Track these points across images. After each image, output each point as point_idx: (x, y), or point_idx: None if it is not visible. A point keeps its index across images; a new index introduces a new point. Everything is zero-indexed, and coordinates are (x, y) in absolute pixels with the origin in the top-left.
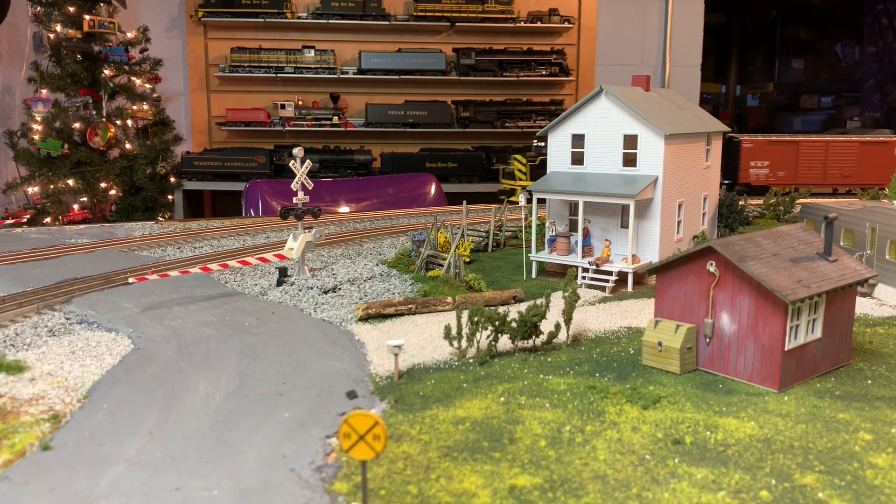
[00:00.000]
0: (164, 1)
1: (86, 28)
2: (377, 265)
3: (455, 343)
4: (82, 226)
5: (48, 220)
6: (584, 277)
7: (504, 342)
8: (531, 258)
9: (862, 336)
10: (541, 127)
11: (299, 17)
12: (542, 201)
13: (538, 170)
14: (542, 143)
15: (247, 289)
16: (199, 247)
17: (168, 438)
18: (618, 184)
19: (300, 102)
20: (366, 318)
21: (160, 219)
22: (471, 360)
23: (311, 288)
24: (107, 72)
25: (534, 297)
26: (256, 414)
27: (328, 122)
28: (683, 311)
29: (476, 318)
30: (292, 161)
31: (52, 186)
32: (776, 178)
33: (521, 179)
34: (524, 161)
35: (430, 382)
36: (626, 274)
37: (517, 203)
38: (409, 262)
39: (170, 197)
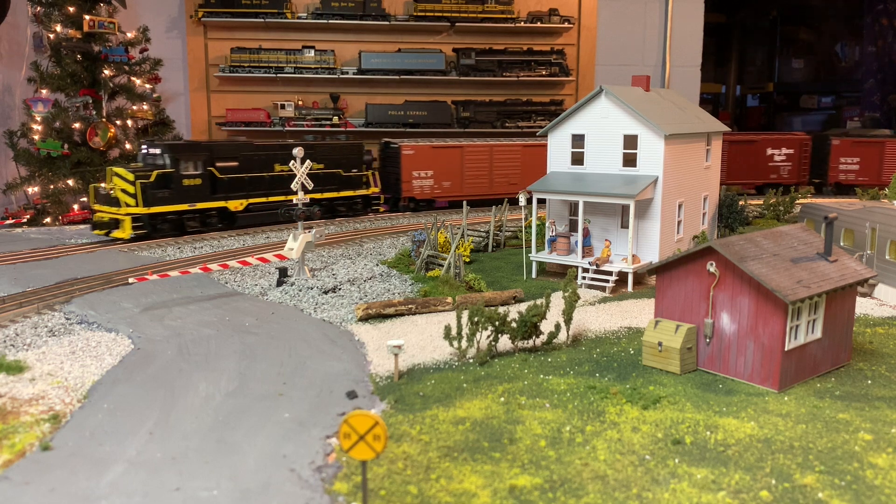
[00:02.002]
0: (164, 1)
1: (86, 28)
2: (377, 265)
3: (455, 343)
4: (82, 226)
5: (48, 220)
6: (584, 277)
7: (504, 342)
8: (531, 258)
9: (862, 336)
10: (541, 127)
11: (299, 17)
12: (542, 201)
13: (155, 189)
14: (157, 151)
15: (247, 289)
16: (199, 247)
17: (168, 438)
18: (618, 184)
19: (300, 102)
20: (366, 319)
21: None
22: (471, 361)
23: (312, 288)
24: (107, 72)
25: (534, 297)
26: (256, 414)
27: (328, 122)
28: (683, 311)
29: (476, 319)
30: (292, 161)
31: (52, 186)
32: (441, 190)
33: (127, 204)
34: (130, 177)
35: (430, 382)
36: (626, 274)
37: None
38: (409, 262)
39: None
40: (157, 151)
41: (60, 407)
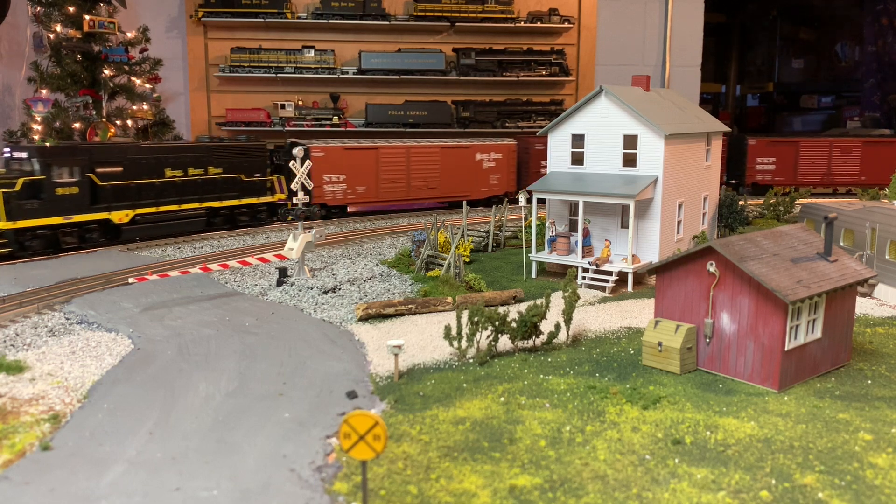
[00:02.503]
0: (164, 1)
1: (86, 28)
2: (377, 265)
3: (455, 343)
4: None
5: None
6: (584, 277)
7: (504, 342)
8: (531, 258)
9: (862, 336)
10: (541, 127)
11: (299, 17)
12: (542, 201)
13: (22, 199)
14: (23, 155)
15: (247, 289)
16: (199, 247)
17: (168, 438)
18: (618, 184)
19: (300, 102)
20: (366, 319)
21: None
22: (471, 360)
23: (311, 288)
24: (107, 72)
25: (534, 297)
26: (256, 414)
27: (328, 122)
28: (683, 311)
29: (476, 318)
30: (292, 161)
31: None
32: (356, 195)
33: None
34: None
35: (430, 382)
36: (626, 274)
37: None
38: (409, 262)
39: None
40: (24, 155)
41: (60, 407)
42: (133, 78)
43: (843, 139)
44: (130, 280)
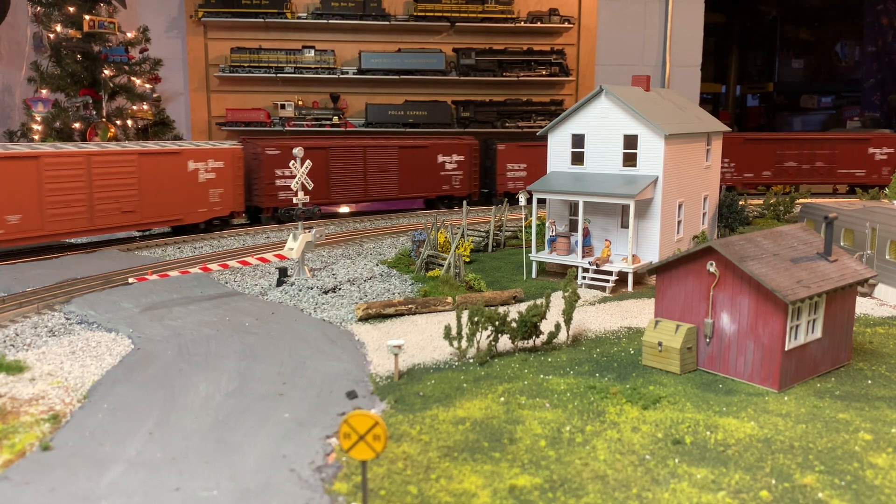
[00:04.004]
0: (164, 1)
1: (86, 28)
2: (377, 265)
3: (455, 343)
4: None
5: None
6: (584, 277)
7: (504, 342)
8: (531, 258)
9: (862, 336)
10: (541, 127)
11: (299, 17)
12: (542, 201)
13: None
14: None
15: (247, 289)
16: (199, 247)
17: (168, 438)
18: (618, 184)
19: (300, 102)
20: (366, 319)
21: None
22: (471, 360)
23: (311, 288)
24: (107, 72)
25: (534, 297)
26: (256, 414)
27: (328, 122)
28: (683, 311)
29: (476, 318)
30: (292, 161)
31: None
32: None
33: None
34: None
35: (430, 382)
36: (626, 274)
37: None
38: (409, 262)
39: None
40: None
41: (60, 407)
42: (133, 78)
43: None
44: (130, 280)
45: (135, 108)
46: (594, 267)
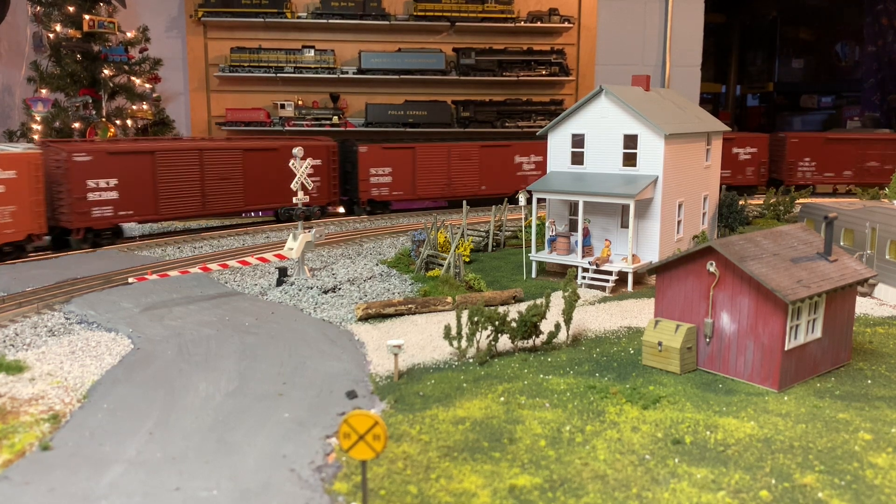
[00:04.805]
0: (164, 1)
1: (86, 28)
2: (377, 265)
3: (455, 343)
4: None
5: None
6: (584, 277)
7: (504, 342)
8: (531, 258)
9: (862, 336)
10: (541, 126)
11: (299, 17)
12: (542, 201)
13: None
14: None
15: (247, 289)
16: (199, 247)
17: (168, 438)
18: (618, 183)
19: (300, 102)
20: (366, 318)
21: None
22: (471, 360)
23: (311, 288)
24: (107, 72)
25: (534, 297)
26: (256, 414)
27: (328, 122)
28: (683, 311)
29: (476, 318)
30: (292, 161)
31: None
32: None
33: None
34: None
35: (430, 382)
36: (626, 274)
37: None
38: (409, 262)
39: None
40: None
41: (60, 407)
42: (133, 78)
43: (463, 144)
44: (130, 280)
45: (134, 107)
46: (594, 267)
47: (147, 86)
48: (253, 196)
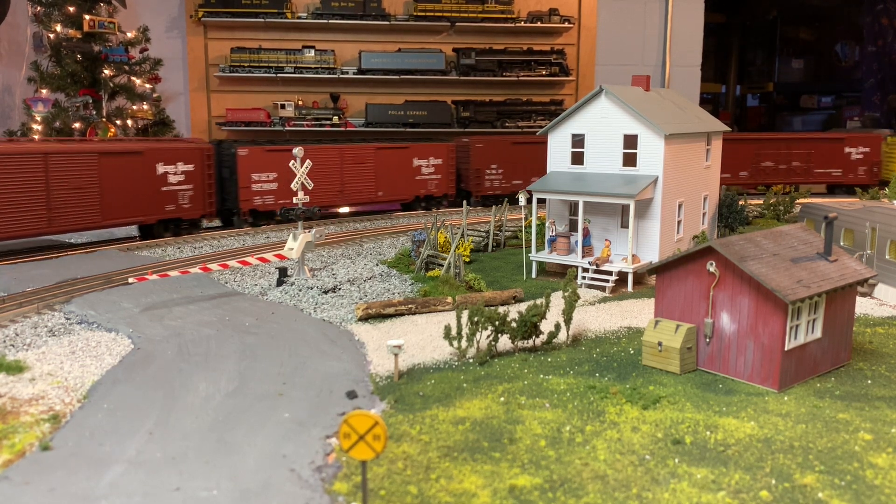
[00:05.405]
0: (164, 1)
1: (86, 28)
2: (377, 265)
3: (455, 343)
4: None
5: None
6: (584, 277)
7: (504, 342)
8: (531, 258)
9: (862, 336)
10: (541, 127)
11: (299, 17)
12: (542, 201)
13: None
14: None
15: (247, 289)
16: (199, 247)
17: (168, 438)
18: (618, 184)
19: (300, 102)
20: (366, 318)
21: None
22: (471, 360)
23: (311, 288)
24: (107, 72)
25: (534, 297)
26: (256, 414)
27: (328, 122)
28: (683, 311)
29: (476, 318)
30: (292, 161)
31: None
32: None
33: None
34: None
35: (430, 382)
36: (626, 274)
37: None
38: (409, 262)
39: None
40: None
41: (60, 407)
42: (133, 78)
43: (356, 146)
44: (130, 280)
45: (135, 107)
46: (594, 267)
47: (147, 86)
48: (112, 208)
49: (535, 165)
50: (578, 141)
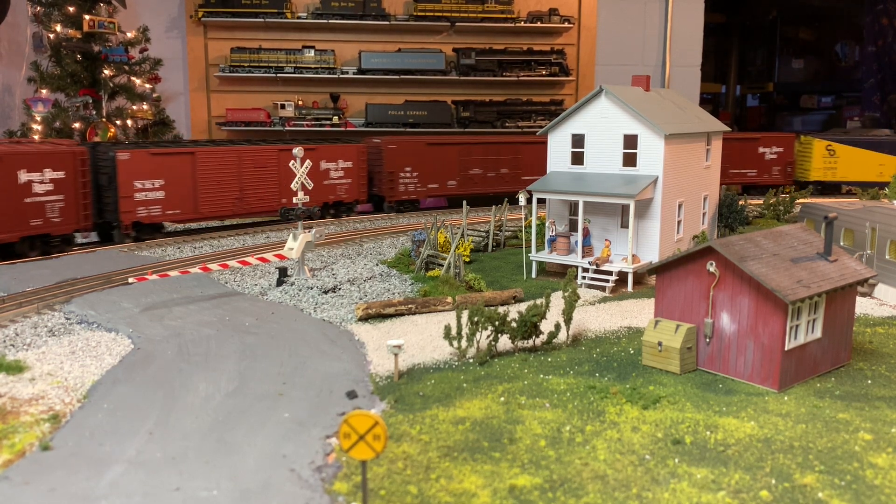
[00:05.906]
0: (164, 1)
1: (86, 28)
2: (377, 265)
3: (455, 343)
4: None
5: None
6: (584, 277)
7: (504, 342)
8: (531, 258)
9: (862, 336)
10: (541, 127)
11: (299, 17)
12: (541, 201)
13: None
14: None
15: (247, 289)
16: (199, 247)
17: (168, 438)
18: (618, 184)
19: (300, 102)
20: (366, 318)
21: None
22: (471, 360)
23: (311, 288)
24: (107, 72)
25: (534, 297)
26: (256, 414)
27: (328, 122)
28: (683, 311)
29: (476, 318)
30: (292, 161)
31: None
32: None
33: None
34: None
35: (430, 382)
36: (626, 274)
37: None
38: (409, 262)
39: None
40: None
41: (60, 407)
42: (133, 78)
43: (257, 147)
44: (130, 280)
45: (135, 108)
46: (594, 267)
47: (147, 86)
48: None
49: (453, 168)
50: (578, 141)
